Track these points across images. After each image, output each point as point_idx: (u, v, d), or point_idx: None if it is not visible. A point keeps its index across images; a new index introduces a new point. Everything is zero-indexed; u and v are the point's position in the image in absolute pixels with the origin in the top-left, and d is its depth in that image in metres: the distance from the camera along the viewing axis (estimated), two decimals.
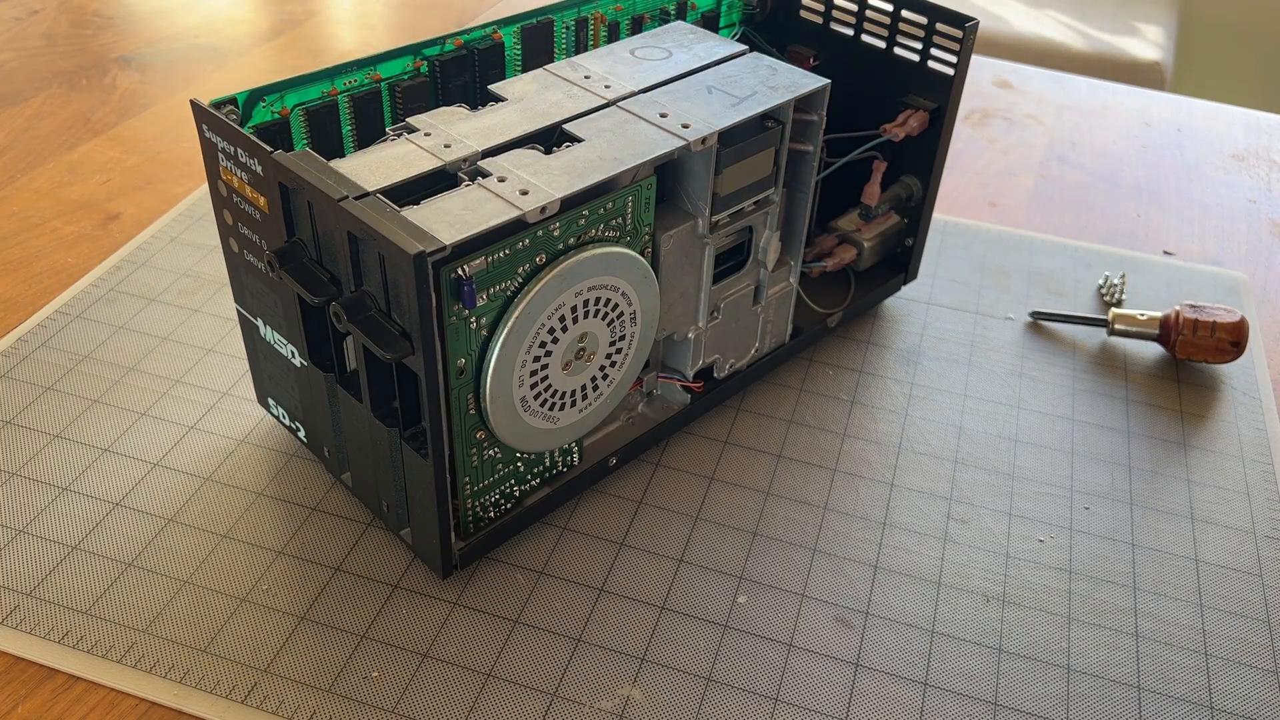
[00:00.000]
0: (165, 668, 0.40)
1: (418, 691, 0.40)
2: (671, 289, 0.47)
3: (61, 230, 0.65)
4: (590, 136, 0.43)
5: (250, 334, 0.48)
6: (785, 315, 0.54)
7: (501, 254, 0.38)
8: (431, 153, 0.41)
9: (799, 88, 0.47)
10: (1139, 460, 0.53)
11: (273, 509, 0.47)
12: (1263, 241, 0.71)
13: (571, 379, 0.44)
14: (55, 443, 0.50)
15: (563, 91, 0.46)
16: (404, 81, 0.47)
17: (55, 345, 0.55)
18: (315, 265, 0.40)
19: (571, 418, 0.45)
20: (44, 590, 0.43)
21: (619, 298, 0.43)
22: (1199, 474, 0.52)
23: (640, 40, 0.51)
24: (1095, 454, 0.53)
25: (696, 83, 0.47)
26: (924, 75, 0.55)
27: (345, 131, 0.46)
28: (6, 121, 0.75)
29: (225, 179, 0.43)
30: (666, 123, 0.44)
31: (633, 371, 0.46)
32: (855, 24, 0.57)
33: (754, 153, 0.46)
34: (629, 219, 0.43)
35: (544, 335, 0.41)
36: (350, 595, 0.44)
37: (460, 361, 0.39)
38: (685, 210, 0.46)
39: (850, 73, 0.55)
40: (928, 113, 0.55)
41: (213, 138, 0.42)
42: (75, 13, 0.92)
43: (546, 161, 0.41)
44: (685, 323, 0.49)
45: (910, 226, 0.59)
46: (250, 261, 0.44)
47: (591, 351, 0.44)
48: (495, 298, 0.39)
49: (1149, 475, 0.52)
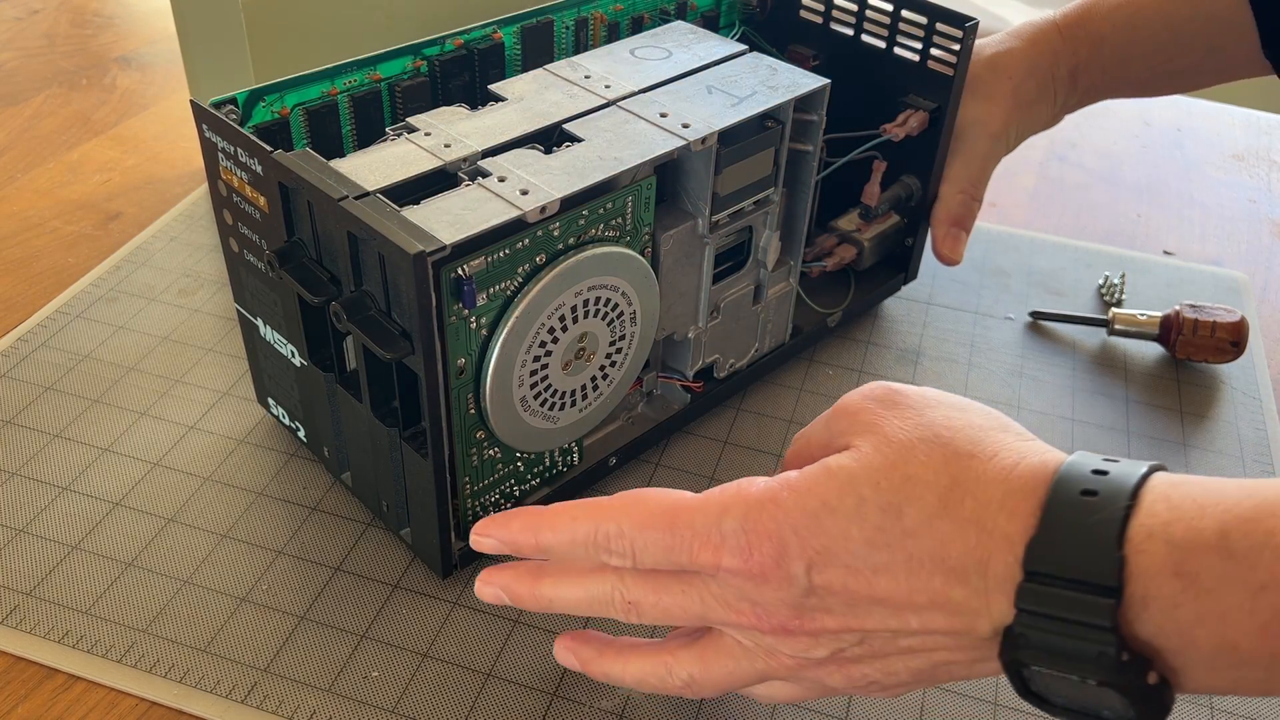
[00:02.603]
0: (165, 667, 0.40)
1: (418, 691, 0.40)
2: (671, 289, 0.47)
3: (61, 230, 0.65)
4: (590, 136, 0.43)
5: (250, 334, 0.48)
6: (785, 315, 0.54)
7: (501, 254, 0.38)
8: (431, 152, 0.41)
9: (799, 88, 0.47)
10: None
11: (273, 509, 0.47)
12: (1263, 241, 0.71)
13: (571, 379, 0.44)
14: (55, 443, 0.50)
15: (563, 91, 0.46)
16: (404, 81, 0.47)
17: (55, 345, 0.55)
18: (315, 265, 0.40)
19: (571, 417, 0.45)
20: (44, 590, 0.43)
21: (619, 297, 0.43)
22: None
23: (640, 40, 0.51)
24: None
25: (696, 82, 0.47)
26: (924, 75, 0.55)
27: (345, 131, 0.46)
28: (6, 121, 0.75)
29: (225, 179, 0.43)
30: (666, 122, 0.44)
31: (633, 371, 0.46)
32: (855, 24, 0.56)
33: (754, 152, 0.46)
34: (629, 219, 0.43)
35: (544, 335, 0.41)
36: (350, 595, 0.44)
37: (460, 361, 0.39)
38: (685, 210, 0.46)
39: (850, 72, 0.55)
40: (928, 113, 0.55)
41: (213, 137, 0.42)
42: (75, 13, 0.92)
43: (546, 161, 0.41)
44: (685, 322, 0.49)
45: (910, 226, 0.59)
46: (250, 261, 0.44)
47: (591, 351, 0.44)
48: (495, 297, 0.39)
49: None
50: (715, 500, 0.34)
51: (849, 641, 0.33)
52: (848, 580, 0.32)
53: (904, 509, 0.31)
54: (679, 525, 0.34)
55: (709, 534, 0.33)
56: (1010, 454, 0.32)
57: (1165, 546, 0.28)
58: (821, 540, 0.32)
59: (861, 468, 0.32)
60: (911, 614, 0.31)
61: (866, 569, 0.31)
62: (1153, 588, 0.28)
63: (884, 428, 0.33)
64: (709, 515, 0.33)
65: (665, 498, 0.35)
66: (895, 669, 0.33)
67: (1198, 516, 0.28)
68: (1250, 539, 0.27)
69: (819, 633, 0.33)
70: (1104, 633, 0.28)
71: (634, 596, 0.35)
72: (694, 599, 0.34)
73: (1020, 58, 0.57)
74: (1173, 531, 0.28)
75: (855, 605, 0.32)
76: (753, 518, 0.33)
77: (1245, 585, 0.27)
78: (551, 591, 0.37)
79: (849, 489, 0.32)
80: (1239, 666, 0.28)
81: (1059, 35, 0.58)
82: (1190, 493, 0.29)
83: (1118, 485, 0.29)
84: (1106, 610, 0.28)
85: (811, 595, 0.32)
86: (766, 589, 0.32)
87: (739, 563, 0.32)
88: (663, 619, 0.35)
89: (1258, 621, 0.27)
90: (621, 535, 0.35)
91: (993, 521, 0.30)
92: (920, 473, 0.32)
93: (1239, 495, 0.28)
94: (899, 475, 0.32)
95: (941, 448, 0.32)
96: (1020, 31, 0.58)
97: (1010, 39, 0.58)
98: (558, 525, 0.36)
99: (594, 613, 0.37)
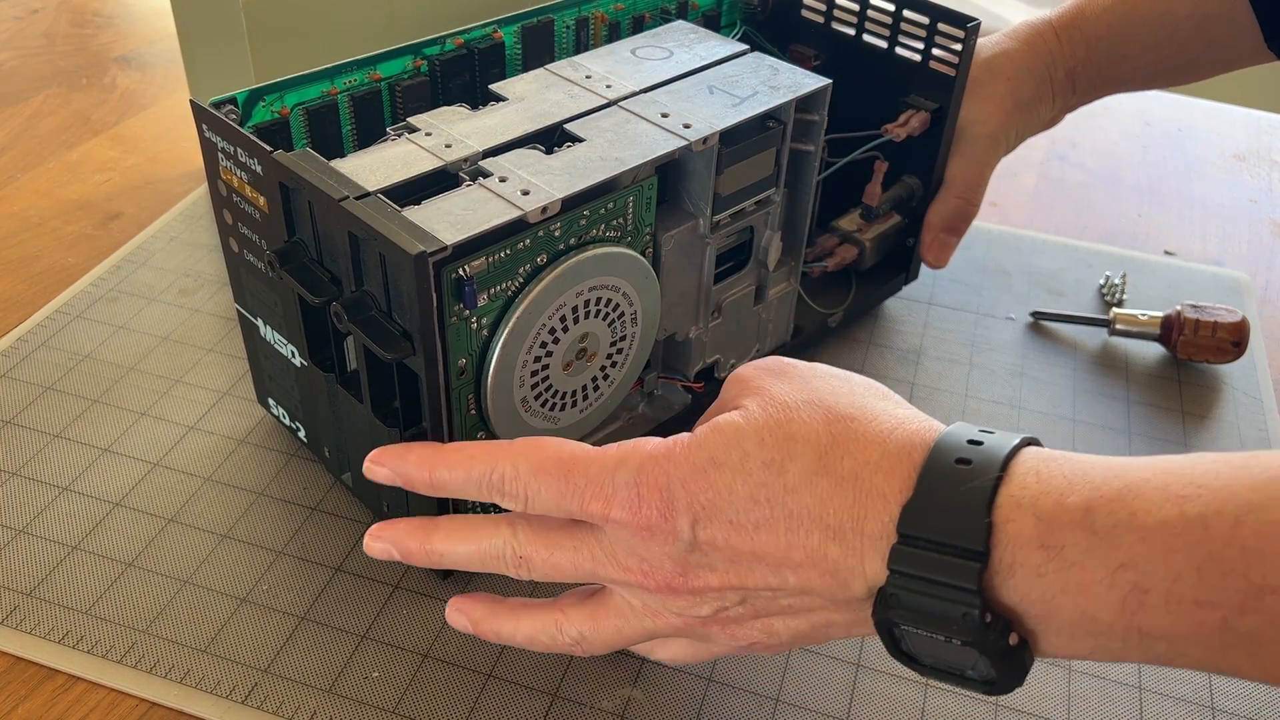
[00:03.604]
0: (165, 668, 0.40)
1: (418, 692, 0.40)
2: (672, 289, 0.47)
3: (61, 230, 0.65)
4: (591, 136, 0.43)
5: (250, 334, 0.48)
6: (786, 315, 0.54)
7: (503, 254, 0.38)
8: (432, 152, 0.41)
9: (800, 87, 0.47)
10: None
11: (273, 509, 0.47)
12: (1264, 241, 0.71)
13: (572, 379, 0.43)
14: (55, 443, 0.50)
15: (564, 91, 0.46)
16: (404, 81, 0.46)
17: (55, 345, 0.55)
18: (316, 265, 0.40)
19: (572, 418, 0.45)
20: (44, 590, 0.43)
21: (620, 298, 0.43)
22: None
23: (641, 40, 0.50)
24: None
25: (698, 82, 0.47)
26: (925, 75, 0.55)
27: (345, 131, 0.46)
28: (6, 121, 0.75)
29: (225, 179, 0.42)
30: (668, 123, 0.44)
31: (633, 372, 0.46)
32: (857, 24, 0.56)
33: (755, 153, 0.46)
34: (630, 219, 0.43)
35: (545, 335, 0.41)
36: (351, 595, 0.44)
37: (461, 361, 0.39)
38: (686, 210, 0.46)
39: (852, 72, 0.55)
40: (929, 113, 0.55)
41: (212, 137, 0.42)
42: (75, 12, 0.92)
43: (548, 161, 0.41)
44: (686, 323, 0.49)
45: (911, 226, 0.59)
46: (250, 261, 0.44)
47: (593, 352, 0.44)
48: (496, 298, 0.39)
49: None
50: (612, 454, 0.34)
51: (731, 600, 0.34)
52: (730, 535, 0.32)
53: (786, 465, 0.32)
54: (574, 473, 0.34)
55: (602, 484, 0.34)
56: (890, 419, 0.33)
57: (1033, 518, 0.29)
58: (707, 494, 0.33)
59: (748, 424, 0.33)
60: (790, 571, 0.32)
61: (749, 524, 0.32)
62: (1020, 556, 0.29)
63: (771, 390, 0.35)
64: (604, 467, 0.34)
65: (564, 447, 0.35)
66: (777, 629, 0.35)
67: (1066, 492, 0.29)
68: (1114, 517, 0.28)
69: (702, 590, 0.34)
70: (970, 594, 0.29)
71: (525, 552, 0.36)
72: (584, 555, 0.35)
73: (1017, 59, 0.57)
74: (1040, 505, 0.29)
75: (737, 561, 0.33)
76: (645, 470, 0.33)
77: (1106, 562, 0.28)
78: (443, 545, 0.37)
79: (734, 444, 0.33)
80: (1096, 635, 0.29)
81: (1055, 36, 0.58)
82: (1060, 469, 0.30)
83: (990, 455, 0.31)
84: (973, 573, 0.29)
85: (695, 550, 0.33)
86: (653, 543, 0.33)
87: (627, 514, 0.33)
88: (553, 575, 0.36)
89: (1116, 595, 0.28)
90: (517, 478, 0.35)
91: (870, 480, 0.31)
92: (802, 431, 0.33)
93: (1106, 475, 0.30)
94: (782, 433, 0.33)
95: (824, 410, 0.33)
96: (1016, 33, 0.58)
97: (1006, 40, 0.58)
98: (454, 462, 0.36)
99: (485, 568, 0.37)
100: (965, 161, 0.56)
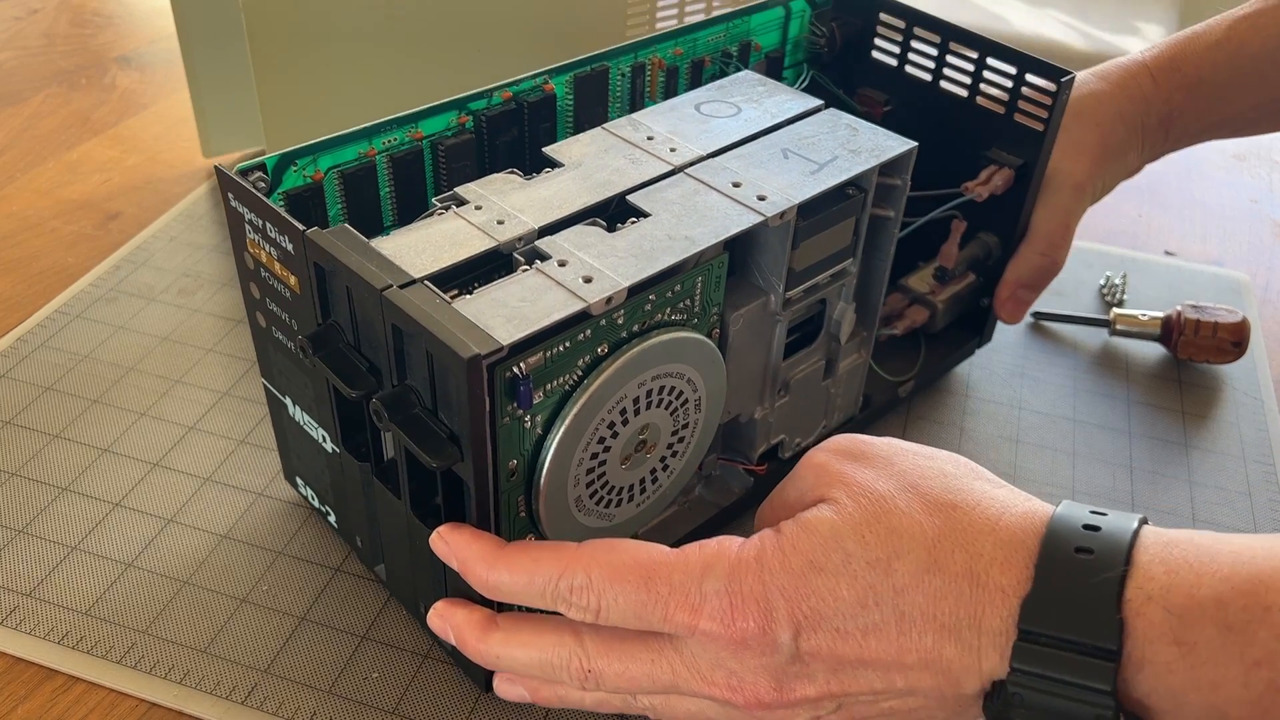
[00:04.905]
0: (165, 668, 0.40)
1: (418, 692, 0.40)
2: (739, 369, 0.42)
3: (61, 230, 0.65)
4: (657, 210, 0.38)
5: (278, 411, 0.44)
6: (856, 388, 0.49)
7: (561, 347, 0.34)
8: (484, 230, 0.37)
9: (884, 151, 0.42)
10: (1140, 461, 0.53)
11: (272, 509, 0.47)
12: (1264, 242, 0.71)
13: (630, 473, 0.39)
14: (55, 443, 0.50)
15: (624, 155, 0.41)
16: (448, 139, 0.43)
17: (55, 345, 0.55)
18: (352, 351, 0.36)
19: (628, 513, 0.40)
20: (44, 590, 0.43)
21: (684, 385, 0.39)
22: (1201, 475, 0.52)
23: (706, 93, 0.46)
24: (1097, 455, 0.53)
25: (770, 145, 0.42)
26: (1010, 128, 0.50)
27: (384, 194, 0.42)
28: (6, 121, 0.75)
29: (253, 252, 0.38)
30: (740, 193, 0.39)
31: (694, 460, 0.42)
32: (934, 69, 0.51)
33: (834, 224, 0.41)
34: (697, 300, 0.38)
35: (603, 430, 0.37)
36: (351, 596, 0.43)
37: (511, 463, 0.35)
38: (756, 285, 0.42)
39: (926, 121, 0.50)
40: (1013, 170, 0.50)
41: (239, 208, 0.38)
42: (75, 12, 0.92)
43: (611, 241, 0.37)
44: (751, 403, 0.44)
45: (985, 286, 0.54)
46: (279, 339, 0.40)
47: (653, 443, 0.39)
48: (552, 393, 0.35)
49: (1151, 476, 0.52)
50: (695, 559, 0.32)
51: (827, 709, 0.32)
52: (836, 644, 0.30)
53: (893, 564, 0.30)
54: (656, 581, 0.31)
55: (688, 592, 0.31)
56: (993, 503, 0.31)
57: (1163, 612, 0.28)
58: (810, 603, 0.30)
59: (844, 520, 0.31)
60: (899, 674, 0.30)
61: (857, 630, 0.30)
62: (1150, 652, 0.28)
63: (856, 478, 0.32)
64: (689, 574, 0.31)
65: (640, 551, 0.32)
66: None
67: (1195, 585, 0.28)
68: (1248, 613, 0.27)
69: (797, 703, 0.31)
70: (1103, 695, 0.28)
71: (595, 666, 0.33)
72: (663, 668, 0.32)
73: (1108, 103, 0.52)
74: (1170, 599, 0.28)
75: (840, 670, 0.31)
76: (737, 578, 0.31)
77: (1240, 659, 0.27)
78: (500, 649, 0.34)
79: (833, 544, 0.31)
80: None
81: (1150, 79, 0.53)
82: (1184, 556, 0.29)
83: (1112, 544, 0.29)
84: (1107, 673, 0.28)
85: (796, 662, 0.31)
86: (747, 656, 0.31)
87: (719, 626, 0.31)
88: (626, 689, 0.33)
89: (1250, 694, 0.27)
90: (589, 587, 0.32)
91: (986, 574, 0.30)
92: (904, 523, 0.31)
93: (1234, 563, 0.28)
94: (883, 528, 0.31)
95: (921, 497, 0.31)
96: (1107, 73, 0.54)
97: (1095, 81, 0.53)
98: (515, 565, 0.33)
99: (544, 677, 0.34)
100: (1049, 213, 0.52)
